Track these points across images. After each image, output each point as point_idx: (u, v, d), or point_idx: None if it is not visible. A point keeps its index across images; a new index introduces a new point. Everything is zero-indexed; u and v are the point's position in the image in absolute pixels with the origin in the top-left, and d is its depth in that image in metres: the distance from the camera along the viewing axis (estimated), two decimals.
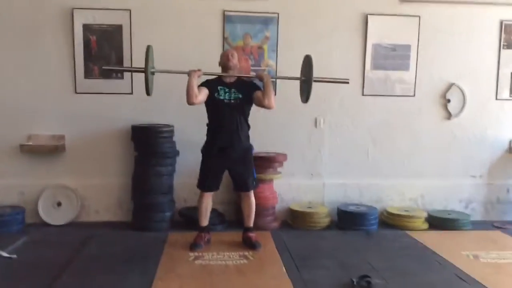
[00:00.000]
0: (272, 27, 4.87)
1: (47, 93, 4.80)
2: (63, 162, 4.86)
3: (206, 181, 4.06)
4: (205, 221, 4.13)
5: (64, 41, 4.76)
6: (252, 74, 4.14)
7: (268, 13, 4.85)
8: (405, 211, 4.95)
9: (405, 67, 5.05)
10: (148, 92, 3.89)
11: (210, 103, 3.96)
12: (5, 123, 4.75)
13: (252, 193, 4.13)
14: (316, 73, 4.82)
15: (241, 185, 4.10)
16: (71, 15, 4.71)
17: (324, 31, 4.94)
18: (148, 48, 3.83)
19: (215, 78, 4.02)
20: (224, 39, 4.87)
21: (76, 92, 4.82)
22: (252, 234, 4.13)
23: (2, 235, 4.29)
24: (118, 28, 4.80)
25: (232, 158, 3.98)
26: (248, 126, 4.07)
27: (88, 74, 4.82)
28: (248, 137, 4.07)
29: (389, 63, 5.04)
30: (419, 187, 5.18)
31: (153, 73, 3.95)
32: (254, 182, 4.13)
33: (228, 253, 3.91)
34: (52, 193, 4.80)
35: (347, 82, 4.29)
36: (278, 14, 4.87)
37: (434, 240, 4.34)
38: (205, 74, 3.95)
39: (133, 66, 4.77)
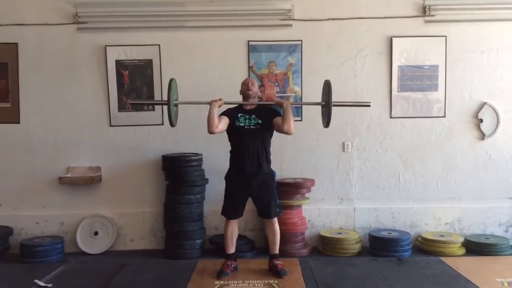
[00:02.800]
0: (296, 54, 4.92)
1: (84, 127, 5.03)
2: (99, 193, 5.04)
3: (229, 208, 4.11)
4: (231, 249, 4.17)
5: (99, 77, 5.00)
6: (272, 102, 4.19)
7: (292, 41, 4.91)
8: (441, 236, 4.77)
9: (434, 88, 4.93)
10: (171, 123, 4.03)
11: (231, 131, 4.04)
12: (46, 156, 5.02)
13: (275, 220, 4.12)
14: (342, 96, 4.84)
15: (264, 212, 4.11)
16: (104, 52, 4.97)
17: (348, 55, 4.94)
18: (171, 81, 3.97)
19: (236, 106, 4.11)
20: (250, 68, 4.97)
21: (110, 125, 5.03)
22: (278, 262, 4.11)
23: (43, 265, 4.48)
24: (149, 63, 5.01)
25: (254, 184, 4.01)
26: (269, 153, 4.09)
27: (121, 107, 5.03)
28: (269, 163, 4.10)
29: (416, 85, 4.94)
30: (455, 211, 4.98)
31: (176, 105, 4.08)
32: (278, 209, 4.13)
33: (253, 281, 3.91)
34: (90, 222, 4.97)
35: (368, 105, 4.26)
36: (301, 41, 4.91)
37: (469, 267, 4.16)
38: (226, 103, 4.06)
39: (162, 97, 4.96)
